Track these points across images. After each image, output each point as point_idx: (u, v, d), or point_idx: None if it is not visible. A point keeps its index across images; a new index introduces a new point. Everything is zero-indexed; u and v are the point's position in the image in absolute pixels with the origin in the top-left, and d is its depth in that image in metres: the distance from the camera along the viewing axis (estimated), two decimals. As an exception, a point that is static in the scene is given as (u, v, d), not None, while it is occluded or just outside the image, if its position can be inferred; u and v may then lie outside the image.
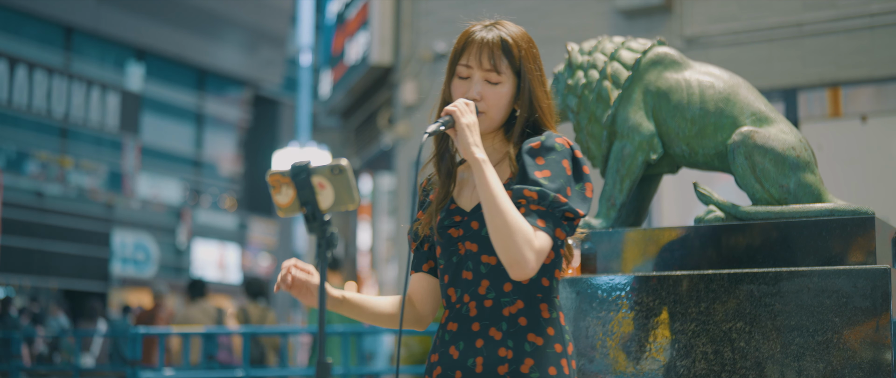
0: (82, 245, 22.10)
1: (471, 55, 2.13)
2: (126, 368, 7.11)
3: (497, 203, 1.95)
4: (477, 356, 2.05)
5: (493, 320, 2.06)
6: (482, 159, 1.98)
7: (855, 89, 7.75)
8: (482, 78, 2.12)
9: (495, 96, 2.11)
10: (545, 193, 1.98)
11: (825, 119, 7.79)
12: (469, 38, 2.15)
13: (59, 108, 20.54)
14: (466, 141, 1.99)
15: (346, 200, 1.89)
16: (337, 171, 1.87)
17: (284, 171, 1.91)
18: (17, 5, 21.36)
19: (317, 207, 1.89)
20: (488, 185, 1.96)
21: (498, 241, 1.95)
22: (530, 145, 2.07)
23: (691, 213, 4.68)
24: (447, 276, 2.13)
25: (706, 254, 3.24)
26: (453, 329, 2.10)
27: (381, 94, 12.54)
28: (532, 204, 1.99)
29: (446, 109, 2.04)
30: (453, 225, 2.12)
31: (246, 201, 29.22)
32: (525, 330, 2.04)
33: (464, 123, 2.00)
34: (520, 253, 1.94)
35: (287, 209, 1.93)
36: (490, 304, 2.06)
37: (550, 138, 2.07)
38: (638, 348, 3.15)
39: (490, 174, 1.97)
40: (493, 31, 2.16)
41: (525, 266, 1.95)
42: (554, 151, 2.05)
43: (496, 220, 1.94)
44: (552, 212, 2.00)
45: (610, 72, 3.55)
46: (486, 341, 2.05)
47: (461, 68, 2.14)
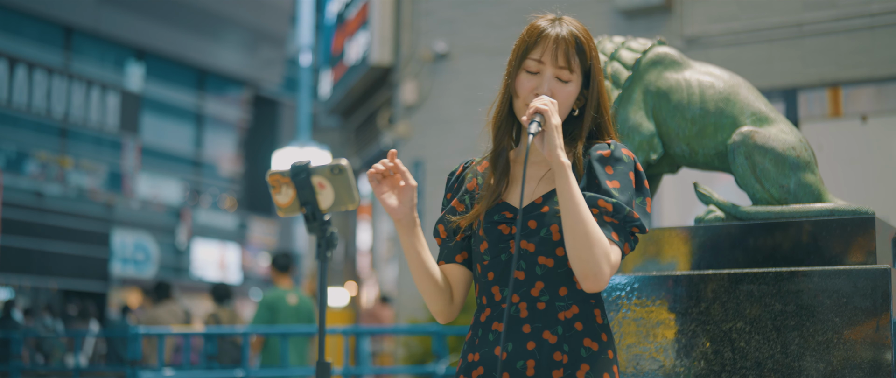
0: (82, 245, 22.10)
1: (546, 51, 2.04)
2: (126, 368, 7.11)
3: (580, 212, 1.90)
4: (528, 359, 1.98)
5: (546, 323, 2.00)
6: (566, 163, 1.91)
7: (855, 89, 7.75)
8: (553, 75, 2.05)
9: (564, 95, 2.05)
10: (621, 207, 1.95)
11: (825, 119, 7.79)
12: (541, 33, 2.06)
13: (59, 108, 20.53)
14: (553, 143, 1.91)
15: (346, 200, 1.89)
16: (337, 171, 1.87)
17: (284, 171, 1.91)
18: (17, 5, 21.36)
19: (317, 207, 1.89)
20: (571, 191, 1.90)
21: (576, 250, 1.91)
22: (600, 153, 2.03)
23: (691, 213, 4.68)
24: (492, 272, 2.05)
25: (707, 254, 3.24)
26: (499, 329, 2.02)
27: (381, 94, 12.54)
28: (606, 215, 1.96)
29: (537, 108, 1.94)
30: (504, 221, 2.05)
31: (246, 201, 29.22)
32: (581, 335, 2.00)
33: (553, 124, 1.92)
34: (598, 266, 1.90)
35: (287, 209, 1.93)
36: (543, 306, 2.01)
37: (618, 148, 2.03)
38: (638, 348, 3.15)
39: (572, 181, 1.91)
40: (565, 27, 2.08)
41: (600, 279, 1.91)
42: (622, 162, 2.01)
43: (577, 229, 1.90)
44: (625, 226, 1.97)
45: (610, 72, 3.55)
46: (538, 344, 1.99)
47: (531, 62, 2.06)
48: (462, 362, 2.09)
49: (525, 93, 2.06)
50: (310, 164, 1.89)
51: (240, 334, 7.57)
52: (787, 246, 3.13)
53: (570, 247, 1.91)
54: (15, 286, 20.13)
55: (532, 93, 2.05)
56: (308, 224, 1.90)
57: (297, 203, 1.92)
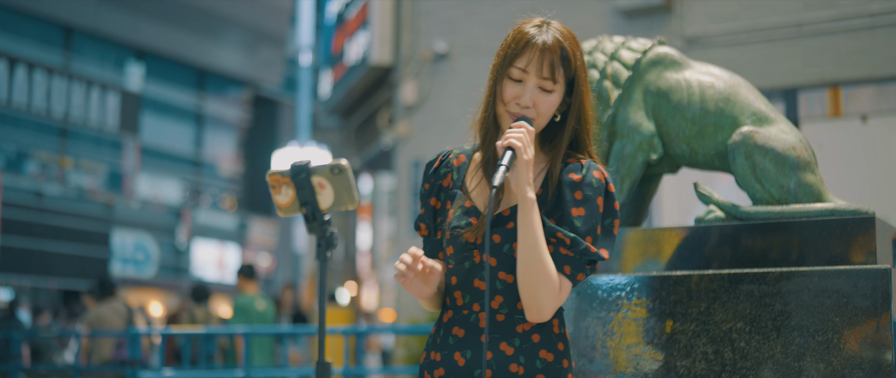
0: (82, 245, 22.10)
1: (531, 60, 2.04)
2: (126, 368, 7.12)
3: (537, 249, 1.95)
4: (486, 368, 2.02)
5: (504, 335, 2.03)
6: (532, 200, 1.96)
7: (855, 89, 7.75)
8: (536, 85, 2.05)
9: (546, 105, 2.06)
10: (578, 242, 1.99)
11: (825, 119, 7.79)
12: (529, 41, 2.05)
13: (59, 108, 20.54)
14: (521, 179, 1.95)
15: (346, 200, 1.89)
16: (337, 171, 1.87)
17: (284, 171, 1.91)
18: (17, 5, 21.37)
19: (317, 207, 1.89)
20: (532, 228, 1.95)
21: (526, 285, 1.97)
22: (571, 177, 2.05)
23: (691, 213, 4.68)
24: (455, 277, 2.09)
25: (707, 254, 3.24)
26: (459, 335, 2.06)
27: (381, 94, 12.54)
28: (562, 247, 2.00)
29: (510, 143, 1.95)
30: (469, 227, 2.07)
31: (246, 201, 29.23)
32: (538, 346, 2.03)
33: (524, 160, 1.95)
34: (543, 302, 1.97)
35: (287, 209, 1.93)
36: (502, 318, 2.04)
37: (590, 172, 2.05)
38: (638, 348, 3.15)
39: (535, 218, 1.96)
40: (550, 34, 2.06)
41: (543, 314, 1.99)
42: (591, 187, 2.03)
43: (530, 267, 1.96)
44: (580, 259, 2.01)
45: (610, 72, 3.55)
46: (495, 354, 2.02)
47: (516, 71, 2.06)
48: (425, 356, 2.13)
49: (508, 99, 2.07)
50: (310, 164, 1.89)
51: (240, 334, 7.59)
52: (788, 246, 3.12)
53: (520, 278, 1.97)
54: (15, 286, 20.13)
55: (514, 101, 2.06)
56: (308, 224, 1.90)
57: (297, 203, 1.92)
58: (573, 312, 3.27)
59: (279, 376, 7.91)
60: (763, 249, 3.16)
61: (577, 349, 3.24)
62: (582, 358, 3.24)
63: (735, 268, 3.15)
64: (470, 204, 2.10)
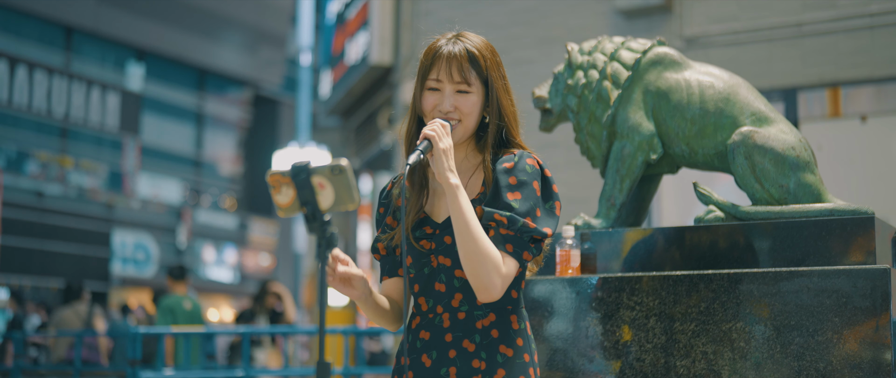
0: (82, 245, 22.10)
1: (441, 69, 2.17)
2: (126, 368, 7.13)
3: (469, 229, 2.02)
4: (450, 366, 2.11)
5: (466, 332, 2.12)
6: (456, 185, 2.04)
7: (855, 89, 7.75)
8: (453, 90, 2.16)
9: (468, 105, 2.17)
10: (514, 219, 2.06)
11: (825, 119, 7.79)
12: (436, 53, 2.19)
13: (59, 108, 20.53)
14: (442, 166, 2.04)
15: (346, 200, 1.89)
16: (337, 171, 1.87)
17: (284, 171, 1.91)
18: (17, 5, 21.38)
19: (317, 207, 1.89)
20: (462, 210, 2.03)
21: (468, 265, 2.04)
22: (504, 166, 2.14)
23: (691, 213, 4.68)
24: (417, 285, 2.19)
25: (706, 254, 3.24)
26: (425, 337, 2.16)
27: (381, 94, 12.54)
28: (502, 228, 2.07)
29: (424, 133, 2.07)
30: (424, 236, 2.18)
31: (246, 201, 29.23)
32: (497, 342, 2.12)
33: (441, 148, 2.05)
34: (488, 279, 2.03)
35: (287, 209, 1.93)
36: (463, 316, 2.13)
37: (522, 159, 2.14)
38: (638, 348, 3.15)
39: (463, 200, 2.04)
40: (459, 44, 2.19)
41: (492, 291, 2.05)
42: (525, 172, 2.12)
43: (468, 246, 2.03)
44: (520, 236, 2.08)
45: (610, 72, 3.56)
46: (459, 352, 2.11)
47: (431, 82, 2.18)
48: (396, 362, 2.22)
49: (429, 109, 2.19)
50: (310, 164, 1.89)
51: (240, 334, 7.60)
52: (787, 246, 3.13)
53: (463, 262, 2.05)
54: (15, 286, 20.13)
55: (435, 108, 2.17)
56: (308, 224, 1.90)
57: (297, 203, 1.92)
58: (573, 312, 3.27)
59: (279, 376, 7.92)
60: (763, 249, 3.16)
61: (577, 349, 3.24)
62: (582, 358, 3.24)
63: (735, 268, 3.15)
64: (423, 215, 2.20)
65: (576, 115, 3.64)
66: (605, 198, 3.56)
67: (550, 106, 3.75)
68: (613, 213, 3.54)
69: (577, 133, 3.67)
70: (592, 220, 3.58)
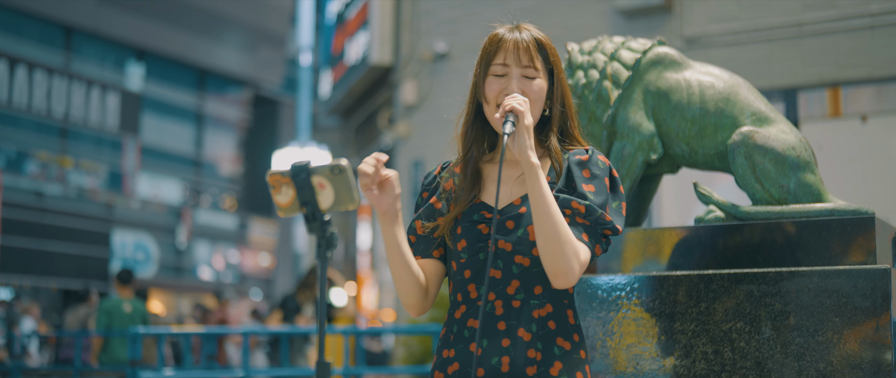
0: (82, 245, 22.10)
1: (508, 54, 2.12)
2: (126, 368, 7.13)
3: (550, 211, 1.96)
4: (503, 355, 2.03)
5: (521, 321, 2.04)
6: (536, 164, 1.96)
7: (855, 89, 7.75)
8: (520, 74, 2.12)
9: (536, 90, 2.12)
10: (593, 209, 2.01)
11: (825, 119, 7.79)
12: (501, 39, 2.15)
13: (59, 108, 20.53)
14: (524, 143, 1.97)
15: (346, 200, 1.89)
16: (337, 171, 1.87)
17: (284, 171, 1.91)
18: (17, 5, 21.38)
19: (317, 207, 1.89)
20: (542, 191, 1.96)
21: (547, 248, 1.97)
22: (578, 158, 2.09)
23: (691, 213, 4.68)
24: (469, 270, 2.10)
25: (706, 254, 3.24)
26: (474, 326, 2.06)
27: (381, 94, 12.54)
28: (578, 217, 2.02)
29: (510, 106, 1.99)
30: (484, 220, 2.10)
31: (246, 201, 29.22)
32: (554, 333, 2.05)
33: (525, 124, 1.98)
34: (567, 263, 1.97)
35: (287, 209, 1.93)
36: (518, 304, 2.05)
37: (595, 155, 2.10)
38: (638, 348, 3.15)
39: (543, 181, 1.96)
40: (524, 32, 2.16)
41: (571, 276, 1.98)
42: (598, 167, 2.08)
43: (547, 229, 1.96)
44: (596, 228, 2.03)
45: (610, 72, 3.55)
46: (513, 341, 2.03)
47: (497, 67, 2.13)
48: (436, 358, 2.13)
49: (494, 95, 2.12)
50: (310, 164, 1.89)
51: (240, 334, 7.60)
52: (788, 246, 3.13)
53: (541, 245, 1.97)
54: (15, 286, 20.13)
55: (502, 93, 2.11)
56: (308, 224, 1.90)
57: (297, 203, 1.92)
58: (573, 312, 3.27)
59: (279, 376, 7.91)
60: (763, 249, 3.16)
61: (577, 349, 3.25)
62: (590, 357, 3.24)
63: (735, 268, 3.15)
64: (478, 200, 2.14)
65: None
66: (606, 198, 3.56)
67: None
68: (615, 213, 3.54)
69: (578, 133, 3.67)
70: (592, 220, 3.58)
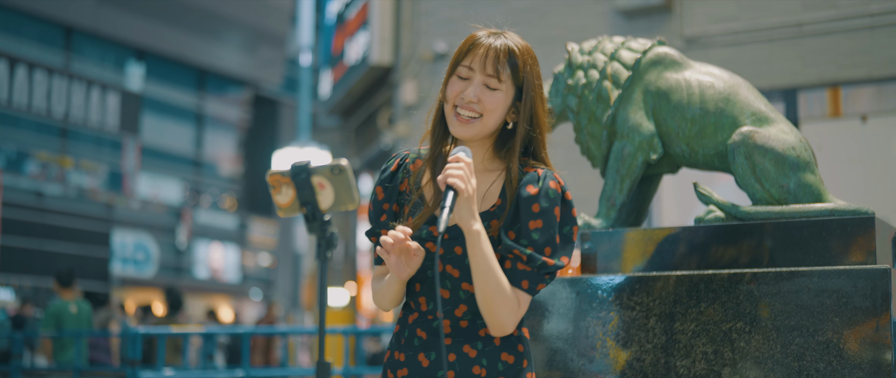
0: (82, 245, 22.10)
1: (475, 58, 2.10)
2: (126, 368, 7.13)
3: (489, 274, 2.00)
4: (449, 370, 2.07)
5: (467, 338, 2.09)
6: (478, 231, 1.98)
7: (855, 89, 7.75)
8: (481, 82, 2.09)
9: (492, 101, 2.09)
10: (534, 258, 2.03)
11: (825, 119, 7.79)
12: (475, 42, 2.12)
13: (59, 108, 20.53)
14: (465, 214, 1.98)
15: (346, 200, 1.89)
16: (337, 171, 1.87)
17: (284, 171, 1.91)
18: (17, 5, 21.38)
19: (317, 207, 1.89)
20: (483, 256, 1.99)
21: (484, 305, 2.02)
22: (528, 191, 2.07)
23: (691, 213, 4.67)
24: (419, 284, 2.13)
25: (706, 254, 3.24)
26: (423, 337, 2.11)
27: (381, 94, 12.54)
28: (520, 263, 2.05)
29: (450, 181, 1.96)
30: (431, 239, 2.10)
31: (246, 201, 29.22)
32: (499, 349, 2.09)
33: (465, 198, 1.97)
34: (502, 319, 2.03)
35: (287, 209, 1.93)
36: (466, 324, 2.10)
37: (546, 182, 2.08)
38: (638, 348, 3.15)
39: (485, 246, 1.99)
40: (501, 39, 2.13)
41: (506, 329, 2.05)
42: (548, 198, 2.07)
43: (486, 290, 2.01)
44: (539, 273, 2.06)
45: (610, 72, 3.55)
46: (459, 356, 2.08)
47: (463, 69, 2.11)
48: (388, 355, 2.16)
49: (453, 95, 2.11)
50: (310, 164, 1.89)
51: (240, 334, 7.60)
52: (787, 246, 3.13)
53: (479, 301, 2.03)
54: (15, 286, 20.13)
55: (459, 96, 2.10)
56: (308, 224, 1.90)
57: (297, 203, 1.92)
58: (573, 312, 3.27)
59: (279, 376, 7.92)
60: (763, 249, 3.16)
61: (577, 349, 3.24)
62: (582, 358, 3.24)
63: (735, 268, 3.15)
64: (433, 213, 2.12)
65: (576, 115, 3.64)
66: (605, 198, 3.56)
67: (550, 106, 3.75)
68: (613, 213, 3.54)
69: (577, 133, 3.67)
70: (592, 220, 3.58)
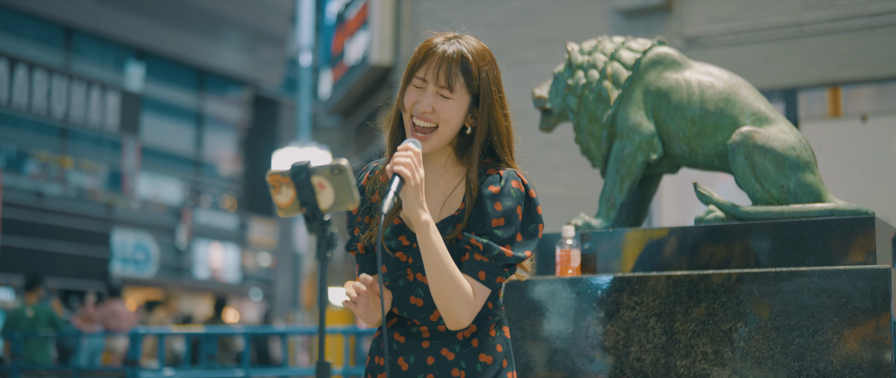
0: (82, 245, 22.10)
1: (429, 69, 2.08)
2: (126, 368, 7.14)
3: (440, 265, 1.99)
4: (428, 373, 2.09)
5: (445, 342, 2.10)
6: (426, 221, 1.99)
7: (855, 89, 7.75)
8: (435, 91, 2.08)
9: (447, 110, 2.08)
10: (491, 247, 2.03)
11: (825, 119, 7.79)
12: (429, 50, 2.10)
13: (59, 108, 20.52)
14: (412, 203, 1.98)
15: (346, 200, 1.89)
16: (337, 171, 1.87)
17: (284, 171, 1.91)
18: (17, 5, 21.38)
19: (317, 207, 1.89)
20: (433, 247, 1.99)
21: (439, 298, 2.01)
22: (491, 189, 2.07)
23: (691, 213, 4.68)
24: (392, 294, 2.14)
25: (706, 254, 3.24)
26: (401, 341, 2.13)
27: (381, 94, 12.54)
28: (477, 253, 2.04)
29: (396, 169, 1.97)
30: (400, 247, 2.11)
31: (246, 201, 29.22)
32: (477, 351, 2.10)
33: (412, 186, 1.98)
34: (457, 312, 2.01)
35: (287, 209, 1.93)
36: (443, 329, 2.10)
37: (508, 182, 2.07)
38: (638, 348, 3.15)
39: (434, 236, 1.99)
40: (454, 46, 2.10)
41: (461, 322, 2.03)
42: (510, 197, 2.06)
43: (438, 284, 2.00)
44: (495, 264, 2.04)
45: (610, 72, 3.56)
46: (437, 360, 2.09)
47: (416, 80, 2.10)
48: (369, 360, 2.18)
49: (409, 105, 2.11)
50: (310, 164, 1.89)
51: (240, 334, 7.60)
52: (787, 246, 3.13)
53: (434, 294, 2.02)
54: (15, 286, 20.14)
55: (413, 106, 2.10)
56: (308, 224, 1.90)
57: (297, 203, 1.92)
58: (573, 312, 3.27)
59: (280, 376, 7.92)
60: (763, 249, 3.16)
61: (577, 349, 3.24)
62: (582, 358, 3.24)
63: (735, 268, 3.15)
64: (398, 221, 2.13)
65: (576, 115, 3.64)
66: (606, 198, 3.56)
67: (550, 106, 3.75)
68: (613, 213, 3.54)
69: (578, 133, 3.67)
70: (592, 220, 3.58)
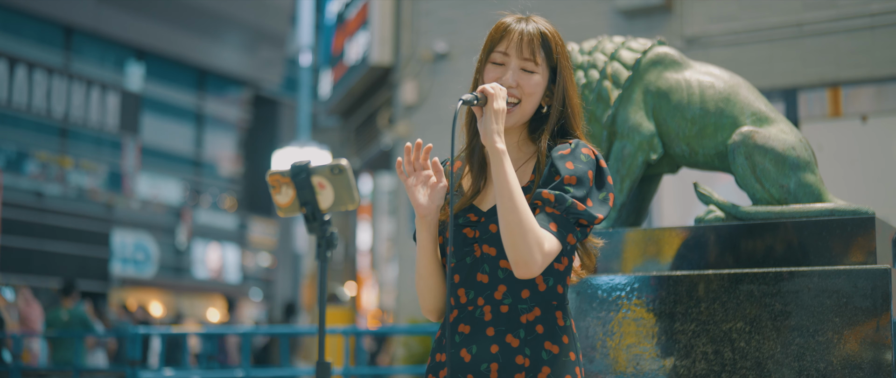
0: (82, 245, 22.09)
1: (510, 43, 2.09)
2: (126, 368, 7.13)
3: (512, 198, 1.93)
4: (492, 362, 2.02)
5: (509, 326, 2.03)
6: (502, 150, 1.95)
7: (855, 89, 7.75)
8: (518, 66, 2.09)
9: (531, 85, 2.08)
10: (563, 198, 1.97)
11: (825, 119, 7.79)
12: (507, 28, 2.11)
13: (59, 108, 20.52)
14: (490, 126, 1.96)
15: (346, 200, 1.89)
16: (337, 171, 1.87)
17: (284, 171, 1.91)
18: (17, 5, 21.37)
19: (317, 207, 1.89)
20: (506, 177, 1.94)
21: (508, 237, 1.93)
22: (560, 152, 2.05)
23: (691, 213, 4.68)
24: (458, 275, 2.08)
25: (706, 254, 3.24)
26: (465, 331, 2.05)
27: (381, 94, 12.54)
28: (548, 206, 1.98)
29: (481, 87, 1.99)
30: (469, 224, 2.08)
31: (246, 201, 29.21)
32: (542, 338, 2.03)
33: (494, 107, 1.97)
34: (529, 252, 1.93)
35: (287, 209, 1.93)
36: (506, 309, 2.03)
37: (578, 148, 2.06)
38: (638, 348, 3.15)
39: (508, 167, 1.95)
40: (531, 24, 2.12)
41: (532, 266, 1.94)
42: (580, 160, 2.03)
43: (508, 217, 1.93)
44: (566, 217, 1.98)
45: (610, 72, 3.55)
46: (502, 347, 2.02)
47: (497, 55, 2.10)
48: (430, 361, 2.13)
49: (490, 82, 2.10)
50: (310, 164, 1.89)
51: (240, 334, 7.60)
52: (788, 246, 3.12)
53: (503, 233, 1.94)
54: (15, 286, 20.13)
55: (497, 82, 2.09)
56: (308, 224, 1.90)
57: (297, 203, 1.92)
58: (573, 312, 3.27)
59: (280, 376, 7.92)
60: (763, 249, 3.16)
61: (577, 349, 3.24)
62: (582, 358, 3.24)
63: (735, 268, 3.15)
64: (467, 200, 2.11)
65: (576, 115, 3.64)
66: (606, 198, 3.56)
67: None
68: (613, 213, 3.54)
69: (578, 133, 3.67)
70: (592, 220, 3.57)
